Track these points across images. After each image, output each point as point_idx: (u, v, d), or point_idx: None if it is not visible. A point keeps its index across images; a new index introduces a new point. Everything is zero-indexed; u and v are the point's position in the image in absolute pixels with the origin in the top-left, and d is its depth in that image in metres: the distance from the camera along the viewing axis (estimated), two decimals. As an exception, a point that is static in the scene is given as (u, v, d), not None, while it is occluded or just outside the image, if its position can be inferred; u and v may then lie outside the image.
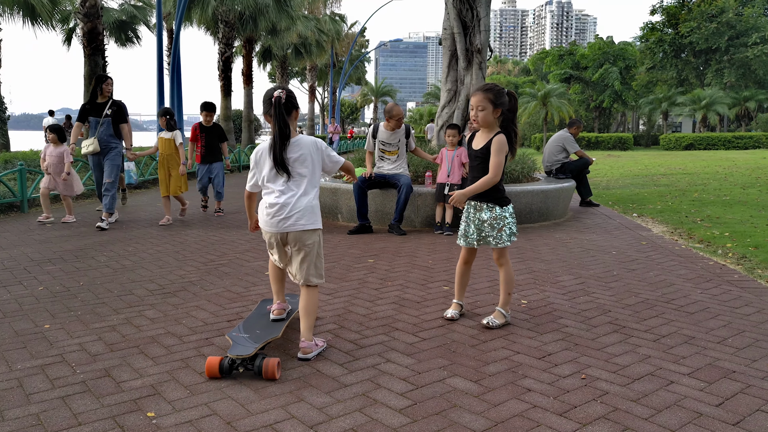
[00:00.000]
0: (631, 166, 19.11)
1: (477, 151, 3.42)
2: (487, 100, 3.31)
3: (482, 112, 3.32)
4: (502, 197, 3.43)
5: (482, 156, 3.39)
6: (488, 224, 3.41)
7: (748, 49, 43.43)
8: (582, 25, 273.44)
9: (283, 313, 3.31)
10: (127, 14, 24.01)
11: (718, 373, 2.78)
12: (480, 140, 3.43)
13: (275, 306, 3.33)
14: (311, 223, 3.04)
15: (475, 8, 8.23)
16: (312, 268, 3.04)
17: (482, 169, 3.38)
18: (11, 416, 2.38)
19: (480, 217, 3.44)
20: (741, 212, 8.06)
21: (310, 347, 2.96)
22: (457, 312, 3.63)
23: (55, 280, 4.57)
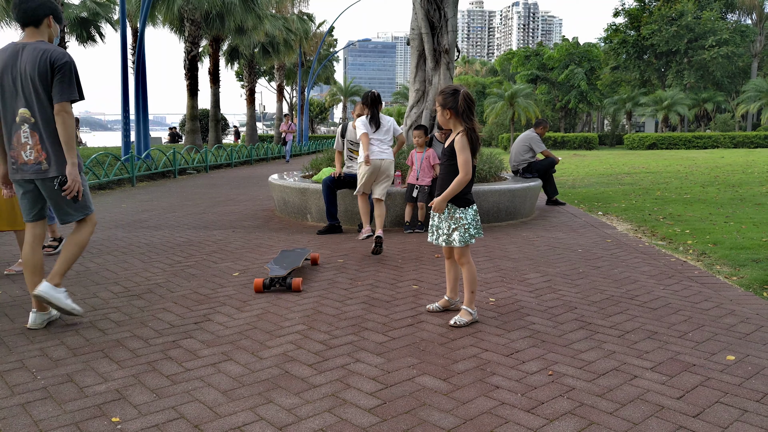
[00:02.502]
0: (597, 166, 19.47)
1: (445, 149, 3.54)
2: (438, 102, 3.45)
3: (437, 113, 3.49)
4: (463, 198, 3.49)
5: (448, 154, 3.48)
6: (445, 223, 3.51)
7: (705, 51, 44.69)
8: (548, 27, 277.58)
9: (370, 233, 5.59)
10: (89, 11, 23.47)
11: (679, 366, 2.85)
12: (449, 139, 3.54)
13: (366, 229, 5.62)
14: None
15: (443, 9, 8.29)
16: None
17: (448, 167, 3.48)
18: (-31, 425, 2.31)
19: (438, 215, 3.56)
20: (701, 210, 8.29)
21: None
22: (440, 306, 3.72)
23: (15, 284, 4.44)
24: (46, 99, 3.31)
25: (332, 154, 8.46)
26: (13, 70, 3.30)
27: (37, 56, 3.25)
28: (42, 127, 3.33)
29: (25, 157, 3.34)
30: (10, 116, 3.35)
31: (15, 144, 3.36)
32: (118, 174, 12.50)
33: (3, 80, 3.32)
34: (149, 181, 13.98)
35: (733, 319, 3.56)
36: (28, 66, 3.27)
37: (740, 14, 50.60)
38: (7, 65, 3.30)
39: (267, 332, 3.36)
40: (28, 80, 3.28)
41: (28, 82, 3.28)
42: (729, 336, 3.26)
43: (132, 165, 12.90)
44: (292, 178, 8.09)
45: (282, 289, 4.22)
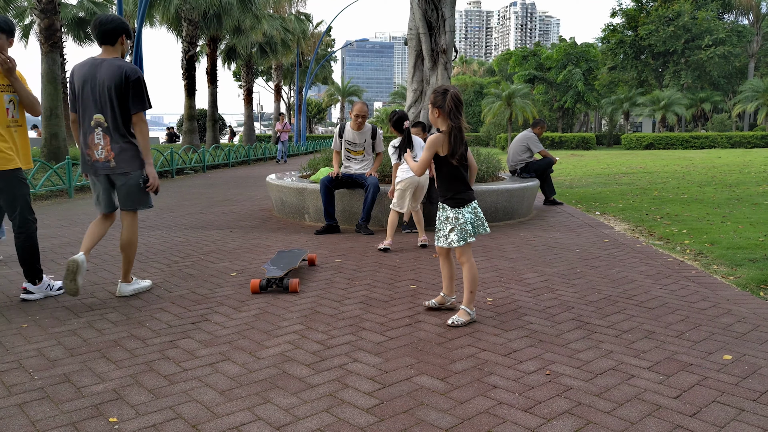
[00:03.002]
0: (594, 166, 19.50)
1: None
2: (429, 101, 3.52)
3: (429, 112, 3.54)
4: (454, 198, 3.51)
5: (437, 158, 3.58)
6: (441, 223, 3.58)
7: (702, 51, 44.79)
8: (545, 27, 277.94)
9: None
10: (87, 11, 23.44)
11: (676, 366, 2.86)
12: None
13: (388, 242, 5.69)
14: None
15: (440, 9, 8.29)
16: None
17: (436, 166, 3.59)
18: (-35, 425, 2.30)
19: (438, 215, 3.63)
20: (698, 210, 8.31)
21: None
22: (436, 303, 3.77)
23: (12, 284, 4.43)
24: (118, 107, 3.87)
25: (330, 154, 8.46)
26: (92, 81, 3.86)
27: (113, 70, 3.82)
28: (112, 130, 3.89)
29: (97, 156, 3.93)
30: (87, 120, 3.92)
31: (90, 144, 3.94)
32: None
33: (83, 89, 3.89)
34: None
35: (730, 318, 3.57)
36: (106, 78, 3.83)
37: (737, 14, 50.72)
38: (87, 77, 3.88)
39: (265, 332, 3.36)
40: (104, 90, 3.84)
41: (104, 92, 3.84)
42: (726, 335, 3.27)
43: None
44: (290, 178, 8.09)
45: (279, 290, 4.21)
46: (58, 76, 13.18)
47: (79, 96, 3.92)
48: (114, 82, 3.82)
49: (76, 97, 3.95)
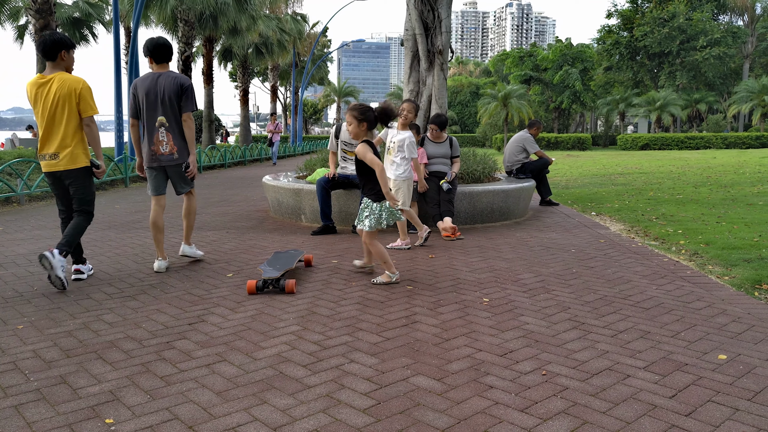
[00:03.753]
0: (590, 166, 19.55)
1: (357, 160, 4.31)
2: (351, 116, 4.21)
3: (350, 127, 4.22)
4: (378, 194, 4.33)
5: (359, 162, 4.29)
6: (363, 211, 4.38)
7: (697, 52, 44.95)
8: (541, 27, 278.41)
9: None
10: (82, 11, 23.37)
11: (672, 366, 2.87)
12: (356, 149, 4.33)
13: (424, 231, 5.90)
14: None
15: (437, 10, 8.30)
16: None
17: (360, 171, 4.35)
18: (-39, 427, 2.30)
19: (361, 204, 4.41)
20: (693, 210, 8.34)
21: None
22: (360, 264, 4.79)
23: (7, 285, 4.42)
24: (177, 110, 4.85)
25: (326, 155, 8.45)
26: (155, 91, 4.80)
27: (171, 81, 4.81)
28: (173, 129, 4.86)
29: (162, 150, 4.87)
30: (151, 122, 4.83)
31: (154, 141, 4.86)
32: (111, 175, 12.46)
33: (148, 97, 4.80)
34: (142, 182, 13.93)
35: (724, 318, 3.59)
36: (165, 88, 4.79)
37: (732, 15, 50.93)
38: (150, 87, 4.81)
39: (261, 333, 3.36)
40: (165, 97, 4.79)
41: (165, 99, 4.79)
42: (721, 335, 3.29)
43: (125, 165, 12.86)
44: (286, 179, 8.08)
45: (275, 291, 4.21)
46: (53, 77, 13.14)
47: (142, 104, 4.83)
48: (173, 90, 4.79)
49: (139, 104, 4.85)
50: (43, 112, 4.37)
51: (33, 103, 4.43)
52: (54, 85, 4.33)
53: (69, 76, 4.39)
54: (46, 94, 4.36)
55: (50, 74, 4.37)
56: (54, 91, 4.33)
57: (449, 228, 6.33)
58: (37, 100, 4.39)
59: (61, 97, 4.34)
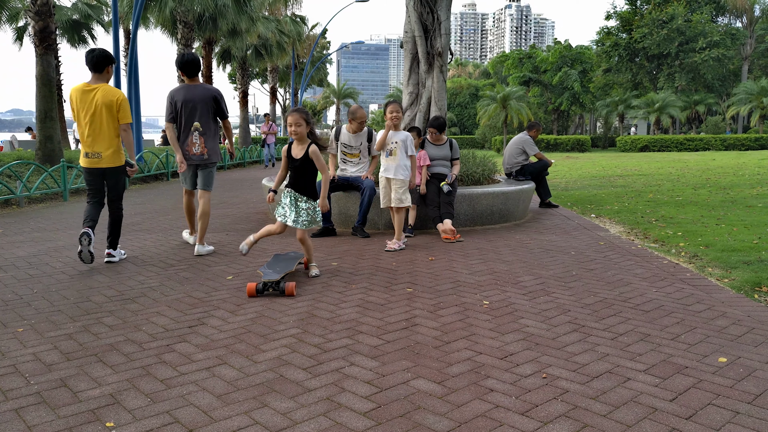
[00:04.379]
0: (589, 168, 19.56)
1: (297, 159, 4.49)
2: (301, 118, 4.39)
3: (299, 128, 4.40)
4: (313, 193, 4.59)
5: (302, 162, 4.47)
6: (303, 211, 4.53)
7: (696, 54, 45.00)
8: (540, 29, 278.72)
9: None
10: (81, 13, 23.37)
11: (672, 368, 2.87)
12: (297, 151, 4.51)
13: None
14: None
15: (436, 12, 8.30)
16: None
17: (302, 172, 4.50)
18: (-39, 431, 2.29)
19: (300, 205, 4.54)
20: (693, 212, 8.34)
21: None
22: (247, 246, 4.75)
23: (7, 288, 4.41)
24: (210, 117, 5.68)
25: (326, 157, 8.46)
26: (192, 100, 5.59)
27: (205, 92, 5.63)
28: (205, 133, 5.65)
29: (194, 151, 5.66)
30: (188, 127, 5.63)
31: (189, 143, 5.65)
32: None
33: (185, 105, 5.59)
34: (142, 183, 13.93)
35: (724, 321, 3.59)
36: (200, 97, 5.59)
37: (730, 17, 51.00)
38: (187, 97, 5.59)
39: (261, 336, 3.36)
40: (199, 106, 5.60)
41: (199, 107, 5.60)
42: (721, 338, 3.29)
43: (124, 167, 12.84)
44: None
45: (275, 293, 4.21)
46: (52, 79, 13.13)
47: (181, 111, 5.60)
48: (207, 100, 5.61)
49: (178, 111, 5.62)
50: (86, 117, 5.06)
51: (76, 107, 5.09)
52: (98, 94, 5.05)
53: (111, 88, 5.11)
54: (90, 101, 5.05)
55: (95, 84, 5.10)
56: (98, 100, 5.04)
57: (449, 230, 6.33)
58: (81, 105, 5.06)
59: (105, 105, 5.05)
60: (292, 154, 4.57)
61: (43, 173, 10.37)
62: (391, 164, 5.95)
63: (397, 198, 5.94)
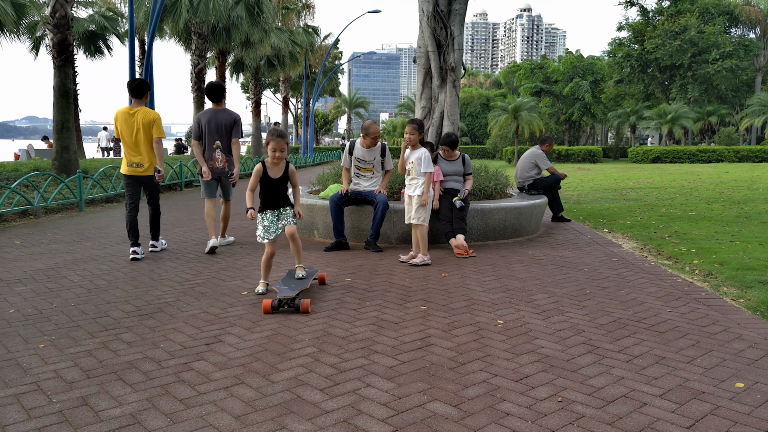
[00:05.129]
0: (601, 180, 19.50)
1: (277, 179, 4.72)
2: (285, 143, 4.67)
3: (283, 153, 4.66)
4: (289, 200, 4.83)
5: (280, 181, 4.73)
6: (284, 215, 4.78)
7: (709, 65, 44.78)
8: (552, 39, 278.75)
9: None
10: (98, 25, 23.70)
11: (689, 394, 2.87)
12: (276, 170, 4.74)
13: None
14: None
15: (449, 27, 8.36)
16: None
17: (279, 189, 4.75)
18: (-13, 450, 2.34)
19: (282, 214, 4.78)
20: (706, 228, 8.30)
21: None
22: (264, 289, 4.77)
23: (27, 302, 4.48)
24: (228, 137, 6.70)
25: (338, 169, 8.52)
26: (215, 122, 6.63)
27: (226, 115, 6.68)
28: (225, 150, 6.72)
29: (217, 165, 6.71)
30: (211, 144, 6.66)
31: (212, 158, 6.69)
32: (125, 187, 12.56)
33: (209, 126, 6.63)
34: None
35: (741, 344, 3.58)
36: (222, 120, 6.64)
37: (743, 29, 50.75)
38: (211, 119, 6.63)
39: (278, 354, 3.39)
40: (222, 127, 6.63)
41: (221, 128, 6.64)
42: (737, 362, 3.28)
43: (139, 178, 12.97)
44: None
45: (290, 310, 4.24)
46: (70, 90, 13.32)
47: (205, 130, 6.64)
48: (228, 122, 6.64)
49: (203, 131, 6.65)
50: (129, 134, 6.20)
51: (121, 126, 6.22)
52: (139, 115, 6.19)
53: (148, 110, 6.25)
54: (132, 122, 6.19)
55: (136, 107, 6.24)
56: (139, 120, 6.18)
57: (462, 246, 6.35)
58: (125, 125, 6.20)
59: (144, 124, 6.19)
60: (269, 174, 4.71)
61: (60, 183, 10.50)
62: (412, 182, 6.04)
63: (410, 214, 6.01)
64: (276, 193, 4.76)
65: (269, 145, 4.65)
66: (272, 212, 4.78)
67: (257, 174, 4.72)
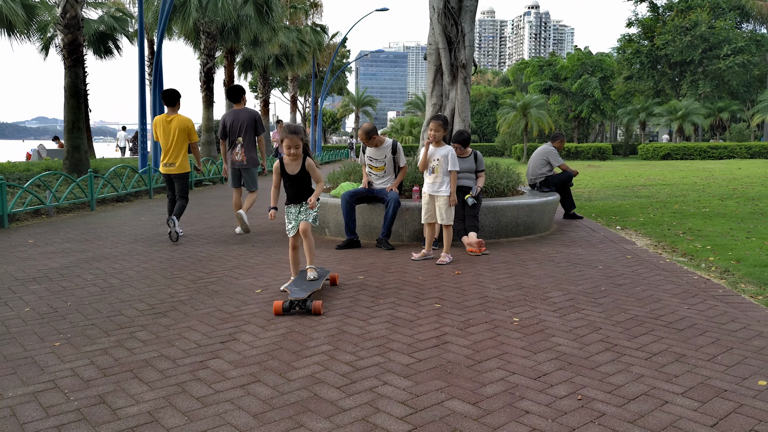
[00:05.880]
0: (612, 177, 19.37)
1: (295, 175, 4.64)
2: (299, 139, 4.56)
3: (297, 149, 4.57)
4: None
5: (299, 177, 4.64)
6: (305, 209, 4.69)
7: (720, 61, 44.41)
8: (560, 36, 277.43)
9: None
10: (107, 25, 23.80)
11: (711, 392, 2.83)
12: (293, 167, 4.65)
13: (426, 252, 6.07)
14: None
15: (460, 24, 8.31)
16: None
17: (300, 184, 4.67)
18: (6, 448, 2.34)
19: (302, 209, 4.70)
20: (721, 225, 8.22)
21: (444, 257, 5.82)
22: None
23: (42, 301, 4.49)
24: (251, 133, 7.61)
25: (349, 168, 8.51)
26: (238, 120, 7.60)
27: (248, 114, 7.65)
28: (245, 146, 7.61)
29: (237, 158, 7.63)
30: (233, 140, 7.62)
31: (234, 153, 7.58)
32: (136, 186, 12.63)
33: (233, 125, 7.61)
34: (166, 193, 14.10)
35: (762, 341, 3.52)
36: (243, 119, 7.59)
37: (755, 24, 50.28)
38: (234, 118, 7.62)
39: (293, 353, 3.37)
40: (244, 125, 7.58)
41: (244, 126, 7.58)
42: (759, 359, 3.23)
43: (149, 177, 13.03)
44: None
45: (302, 311, 4.20)
46: (80, 90, 13.38)
47: (229, 128, 7.63)
48: (249, 121, 7.60)
49: (227, 129, 7.65)
50: (166, 138, 7.26)
51: (159, 131, 7.27)
52: (174, 122, 7.24)
53: (183, 118, 7.29)
54: (169, 128, 7.24)
55: (171, 115, 7.29)
56: (175, 126, 7.23)
57: (474, 243, 6.31)
58: (163, 130, 7.25)
59: (179, 130, 7.25)
60: (287, 171, 4.67)
61: (71, 183, 10.55)
62: (436, 181, 5.92)
63: (441, 215, 5.91)
64: (297, 187, 4.70)
65: (283, 142, 4.61)
66: (295, 206, 4.74)
67: (276, 171, 4.71)
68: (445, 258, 5.85)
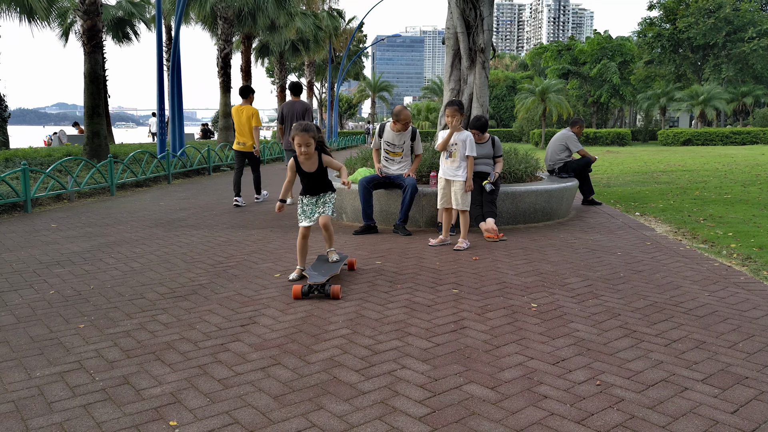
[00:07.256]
0: (631, 163, 19.15)
1: (312, 173, 4.60)
2: (310, 137, 4.44)
3: (309, 148, 4.47)
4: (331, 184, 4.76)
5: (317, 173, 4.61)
6: (322, 201, 4.68)
7: (745, 44, 43.48)
8: (579, 20, 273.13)
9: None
10: (125, 11, 23.92)
11: (731, 379, 2.81)
12: (309, 165, 4.58)
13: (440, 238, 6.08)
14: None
15: (479, 8, 8.22)
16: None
17: (317, 178, 4.63)
18: (35, 425, 2.40)
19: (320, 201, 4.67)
20: (743, 211, 8.10)
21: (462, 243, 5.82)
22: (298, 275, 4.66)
23: (66, 284, 4.58)
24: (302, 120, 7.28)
25: (366, 154, 8.50)
26: (292, 111, 9.09)
27: (302, 106, 9.14)
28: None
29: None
30: (289, 127, 8.90)
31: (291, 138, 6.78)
32: (155, 171, 12.75)
33: (291, 115, 9.07)
34: (184, 178, 14.23)
35: (784, 328, 3.49)
36: (297, 109, 9.09)
37: (781, 6, 49.06)
38: (291, 108, 9.12)
39: (312, 336, 3.41)
40: (296, 114, 9.04)
41: (297, 115, 9.03)
42: (781, 347, 3.20)
43: (168, 162, 13.15)
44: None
45: (321, 296, 4.23)
46: (100, 76, 13.47)
47: (287, 116, 9.09)
48: (300, 110, 9.07)
49: (285, 117, 9.11)
50: (239, 124, 9.29)
51: (235, 118, 9.33)
52: (245, 111, 9.31)
53: (251, 108, 9.38)
54: (242, 116, 9.29)
55: (244, 105, 9.38)
56: (246, 114, 9.30)
57: (492, 229, 6.30)
58: (237, 117, 9.29)
59: (248, 116, 9.30)
60: (303, 169, 4.59)
61: (92, 168, 10.68)
62: (452, 166, 5.88)
63: (457, 200, 5.88)
64: (314, 182, 4.65)
65: (294, 140, 4.46)
66: (309, 197, 4.70)
67: (291, 169, 4.66)
68: (463, 244, 5.85)
